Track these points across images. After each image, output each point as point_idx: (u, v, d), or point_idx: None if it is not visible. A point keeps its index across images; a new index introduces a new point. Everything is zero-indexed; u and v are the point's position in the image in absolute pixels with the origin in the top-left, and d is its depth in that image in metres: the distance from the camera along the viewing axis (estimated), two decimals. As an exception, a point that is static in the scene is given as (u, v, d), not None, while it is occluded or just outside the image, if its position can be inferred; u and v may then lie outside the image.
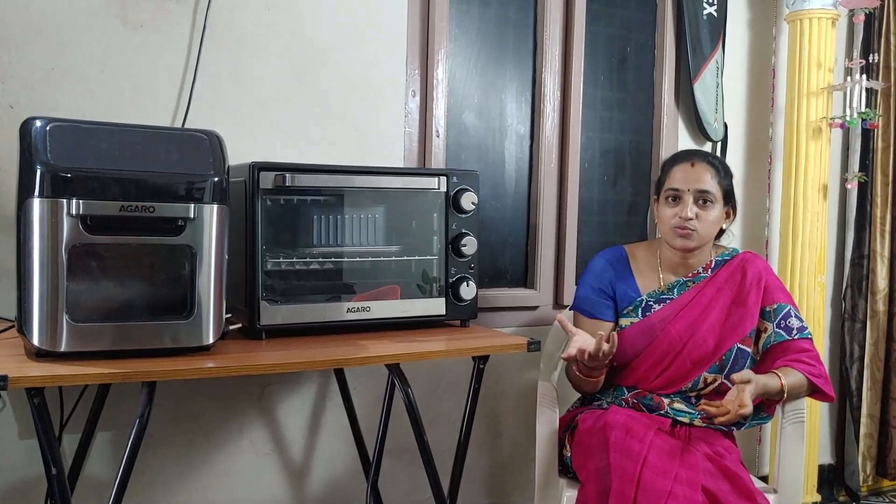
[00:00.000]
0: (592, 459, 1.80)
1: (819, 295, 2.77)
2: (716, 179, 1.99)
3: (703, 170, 1.99)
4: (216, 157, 1.60)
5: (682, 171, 2.00)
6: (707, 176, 1.98)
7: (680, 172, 2.00)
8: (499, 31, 2.54)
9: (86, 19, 1.95)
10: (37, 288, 1.44)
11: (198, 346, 1.58)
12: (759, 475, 2.85)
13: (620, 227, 2.80)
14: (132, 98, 2.00)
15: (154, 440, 2.05)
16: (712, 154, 2.06)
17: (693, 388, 1.98)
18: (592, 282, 2.08)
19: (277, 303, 1.81)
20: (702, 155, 2.05)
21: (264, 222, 1.80)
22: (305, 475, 2.28)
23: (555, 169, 2.61)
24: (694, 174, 1.98)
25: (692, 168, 1.99)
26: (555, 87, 2.59)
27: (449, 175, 2.00)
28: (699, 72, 2.75)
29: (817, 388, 1.94)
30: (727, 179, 2.03)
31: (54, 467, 1.42)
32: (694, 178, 1.98)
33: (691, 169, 1.99)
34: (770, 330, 1.99)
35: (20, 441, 1.92)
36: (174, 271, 1.56)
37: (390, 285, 1.96)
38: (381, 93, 2.31)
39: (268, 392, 2.21)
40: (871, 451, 3.13)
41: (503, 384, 2.55)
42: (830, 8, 2.69)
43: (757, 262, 2.05)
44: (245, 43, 2.13)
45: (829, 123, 2.72)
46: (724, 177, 2.02)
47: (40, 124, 1.50)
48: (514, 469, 2.60)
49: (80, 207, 1.45)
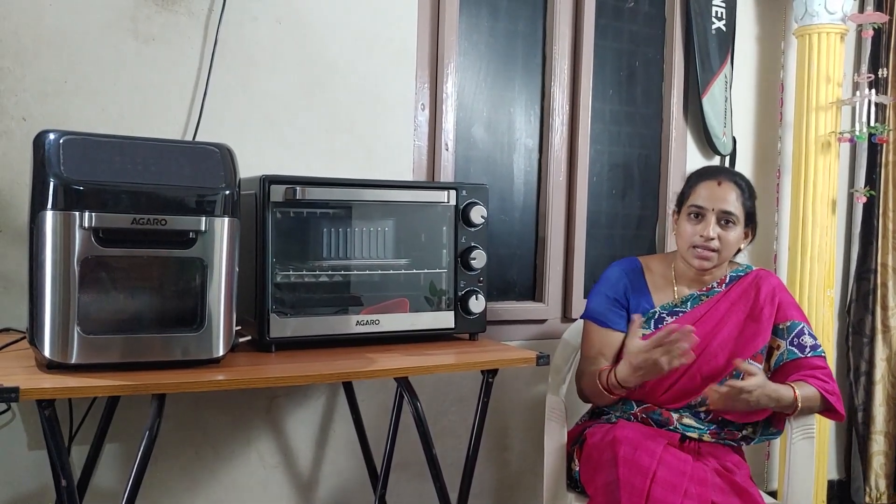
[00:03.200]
0: (601, 474, 1.79)
1: (828, 309, 2.76)
2: (740, 201, 1.97)
3: (729, 189, 1.96)
4: (227, 170, 1.61)
5: (708, 189, 1.97)
6: (732, 196, 1.96)
7: (705, 190, 1.98)
8: (508, 44, 2.55)
9: (97, 33, 1.96)
10: (49, 300, 1.45)
11: (208, 358, 1.58)
12: (767, 490, 2.83)
13: (629, 241, 2.80)
14: (143, 111, 2.01)
15: (162, 452, 2.05)
16: (739, 174, 2.02)
17: (702, 402, 1.97)
18: (607, 291, 2.07)
19: (287, 315, 1.81)
20: (729, 174, 2.02)
21: (274, 235, 1.80)
22: (313, 488, 2.28)
23: (563, 182, 2.61)
24: (720, 193, 1.96)
25: (718, 187, 1.97)
26: (563, 101, 2.60)
27: (458, 189, 2.00)
28: (708, 86, 2.76)
29: (830, 406, 1.93)
30: (751, 201, 2.01)
31: (65, 479, 1.41)
32: (720, 197, 1.95)
33: (717, 188, 1.97)
34: (783, 347, 1.98)
35: (29, 452, 1.92)
36: (185, 284, 1.56)
37: (399, 298, 1.96)
38: (390, 106, 2.32)
39: (276, 404, 2.21)
40: (883, 468, 3.09)
41: (511, 397, 2.55)
42: (839, 23, 2.70)
43: (771, 279, 2.04)
44: (255, 57, 2.14)
45: (837, 138, 2.72)
46: (748, 198, 2.00)
47: (54, 137, 1.50)
48: (522, 483, 2.59)
49: (93, 220, 1.45)
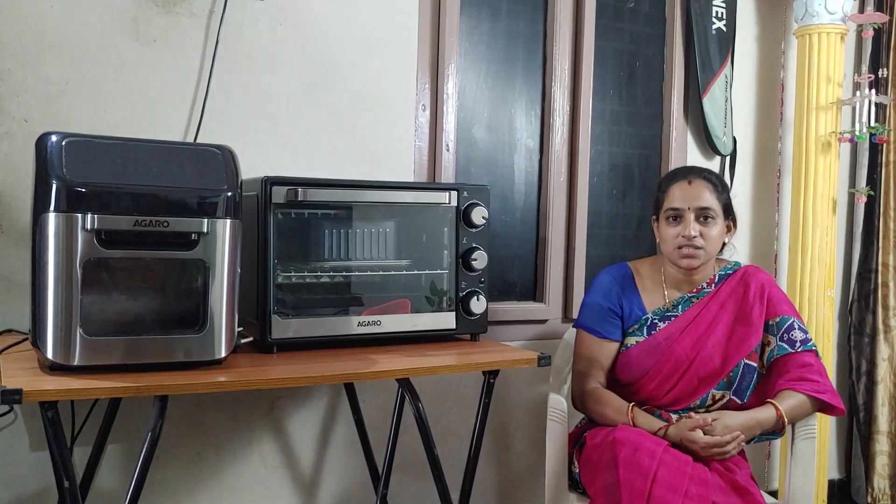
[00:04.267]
0: (602, 475, 1.79)
1: (829, 309, 2.76)
2: (714, 195, 1.98)
3: (701, 187, 1.98)
4: (229, 171, 1.61)
5: (681, 190, 1.99)
6: (706, 193, 1.97)
7: (678, 191, 1.99)
8: (508, 45, 2.56)
9: (99, 35, 1.97)
10: (51, 302, 1.45)
11: (210, 359, 1.58)
12: (768, 490, 2.83)
13: (629, 241, 2.81)
14: (145, 113, 2.02)
15: (164, 453, 2.05)
16: (707, 170, 2.05)
17: (702, 404, 1.97)
18: (601, 300, 2.07)
19: (289, 316, 1.81)
20: (697, 171, 2.03)
21: (276, 236, 1.80)
22: (315, 489, 2.28)
23: (564, 183, 2.61)
24: (693, 192, 1.97)
25: (690, 186, 1.98)
26: (564, 102, 2.60)
27: (460, 189, 2.00)
28: (708, 86, 2.76)
29: (826, 404, 1.93)
30: (725, 193, 2.02)
31: (67, 480, 1.42)
32: (693, 195, 1.97)
33: (689, 187, 1.98)
34: (773, 343, 1.99)
35: (31, 453, 1.93)
36: (187, 285, 1.57)
37: (400, 299, 1.96)
38: (391, 107, 2.33)
39: (278, 405, 2.21)
40: (886, 469, 3.09)
41: (512, 398, 2.55)
42: (839, 23, 2.70)
43: (759, 275, 2.04)
44: (256, 58, 2.14)
45: (838, 138, 2.72)
46: (721, 191, 2.00)
47: (56, 139, 1.51)
48: (523, 483, 2.60)
49: (95, 222, 1.45)
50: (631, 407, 1.93)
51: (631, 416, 1.92)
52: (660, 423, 1.90)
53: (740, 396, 1.97)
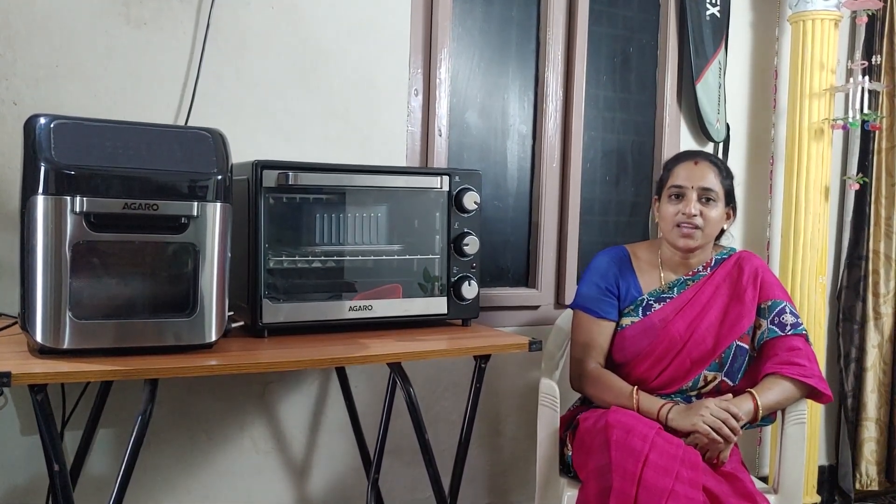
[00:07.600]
0: (593, 458, 1.80)
1: (820, 296, 2.77)
2: (718, 179, 2.01)
3: (706, 168, 2.01)
4: (220, 155, 1.61)
5: (686, 169, 2.02)
6: (711, 174, 2.00)
7: (684, 170, 2.02)
8: (502, 30, 2.55)
9: (89, 17, 1.95)
10: (40, 285, 1.44)
11: (200, 343, 1.58)
12: (758, 475, 2.85)
13: (622, 228, 2.81)
14: (135, 96, 2.00)
15: (155, 437, 2.05)
16: (714, 155, 2.09)
17: (693, 386, 1.98)
18: (598, 280, 2.08)
19: (279, 301, 1.81)
20: (704, 155, 2.08)
21: (267, 220, 1.80)
22: (306, 473, 2.29)
23: (557, 169, 2.61)
24: (698, 172, 2.00)
25: (696, 166, 2.01)
26: (557, 87, 2.59)
27: (451, 174, 2.00)
28: (701, 72, 2.75)
29: (813, 390, 1.94)
30: (728, 180, 2.05)
31: (57, 464, 1.42)
32: (698, 175, 2.00)
33: (695, 167, 2.01)
34: (764, 326, 2.00)
35: (22, 437, 1.92)
36: (177, 269, 1.56)
37: (392, 284, 1.96)
38: (383, 92, 2.31)
39: (269, 390, 2.21)
40: (874, 455, 3.11)
41: (504, 383, 2.55)
42: (833, 9, 2.69)
43: (753, 260, 2.06)
44: (248, 41, 2.13)
45: (831, 125, 2.72)
46: (725, 177, 2.04)
47: (44, 122, 1.50)
48: (514, 468, 2.61)
49: (84, 205, 1.45)
50: (635, 390, 1.93)
51: (636, 400, 1.91)
52: (660, 402, 1.90)
53: (732, 378, 1.98)
